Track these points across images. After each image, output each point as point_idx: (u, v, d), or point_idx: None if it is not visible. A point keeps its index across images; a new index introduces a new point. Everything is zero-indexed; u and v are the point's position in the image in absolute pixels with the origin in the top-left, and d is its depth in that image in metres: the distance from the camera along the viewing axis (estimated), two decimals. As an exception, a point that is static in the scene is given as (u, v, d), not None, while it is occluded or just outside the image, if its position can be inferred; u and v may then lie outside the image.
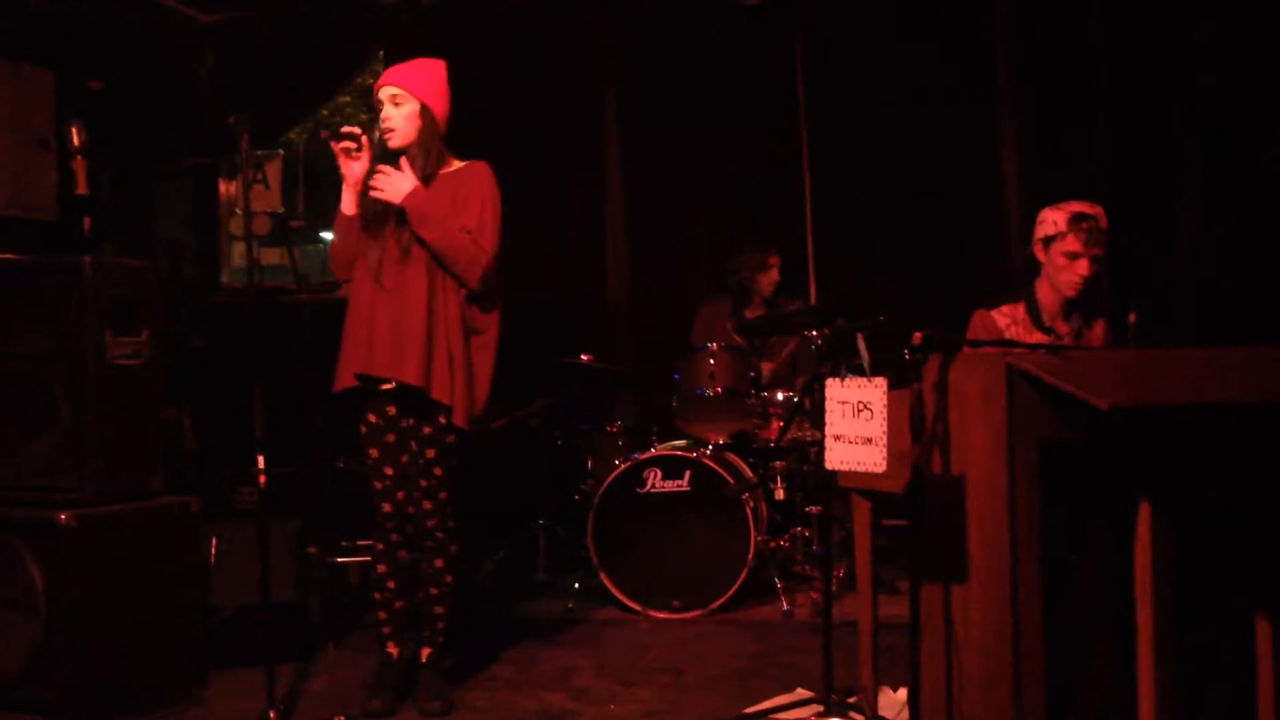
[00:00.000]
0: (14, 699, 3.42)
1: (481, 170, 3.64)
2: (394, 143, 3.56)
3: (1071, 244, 3.45)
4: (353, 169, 3.56)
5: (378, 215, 3.57)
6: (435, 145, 3.59)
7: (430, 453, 3.56)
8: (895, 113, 5.81)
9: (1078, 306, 3.57)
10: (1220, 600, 2.75)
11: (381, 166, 3.54)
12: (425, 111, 3.58)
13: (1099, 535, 2.63)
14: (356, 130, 3.56)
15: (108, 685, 3.46)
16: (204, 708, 3.67)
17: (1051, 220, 3.50)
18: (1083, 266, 3.46)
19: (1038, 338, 3.51)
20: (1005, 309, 3.59)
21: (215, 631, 3.96)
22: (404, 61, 3.70)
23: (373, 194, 3.54)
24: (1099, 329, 3.60)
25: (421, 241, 3.50)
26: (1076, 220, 3.44)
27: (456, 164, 3.66)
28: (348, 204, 3.59)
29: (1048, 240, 3.50)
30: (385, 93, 3.57)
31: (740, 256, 5.64)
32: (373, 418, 3.61)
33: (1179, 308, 5.39)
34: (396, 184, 3.51)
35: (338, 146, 3.55)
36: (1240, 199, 5.33)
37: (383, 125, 3.56)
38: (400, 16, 6.12)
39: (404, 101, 3.55)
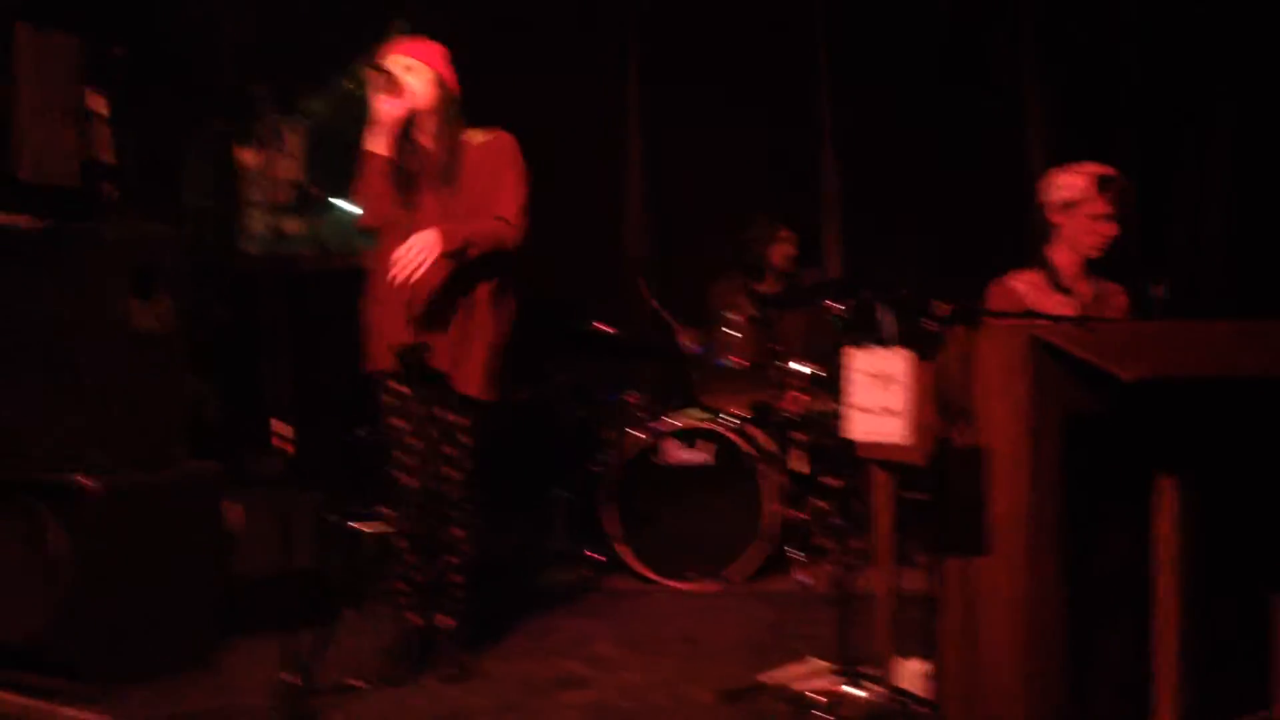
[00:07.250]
0: (39, 660, 3.46)
1: (508, 145, 3.61)
2: (413, 103, 3.50)
3: (1101, 206, 3.42)
4: (384, 108, 3.48)
5: (409, 180, 3.55)
6: (453, 111, 3.57)
7: (464, 421, 3.59)
8: (919, 84, 5.77)
9: (1096, 265, 3.54)
10: (1241, 575, 2.74)
11: (395, 256, 3.40)
12: (441, 81, 3.55)
13: (1121, 508, 2.62)
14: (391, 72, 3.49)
15: (130, 648, 3.49)
16: (224, 672, 3.70)
17: (1074, 185, 3.46)
18: (1111, 227, 3.44)
19: (1057, 299, 3.48)
20: (1023, 275, 3.56)
21: (236, 597, 3.99)
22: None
23: (403, 273, 3.37)
24: (1121, 299, 3.57)
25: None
26: (1104, 183, 3.41)
27: (477, 134, 3.62)
28: (379, 144, 3.51)
29: (1069, 204, 3.46)
30: (399, 62, 3.51)
31: (749, 231, 5.63)
32: (401, 388, 3.61)
33: (1206, 278, 5.34)
34: (422, 248, 3.39)
35: (379, 78, 3.46)
36: (1269, 166, 5.27)
37: (399, 88, 3.48)
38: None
39: (419, 70, 3.52)
